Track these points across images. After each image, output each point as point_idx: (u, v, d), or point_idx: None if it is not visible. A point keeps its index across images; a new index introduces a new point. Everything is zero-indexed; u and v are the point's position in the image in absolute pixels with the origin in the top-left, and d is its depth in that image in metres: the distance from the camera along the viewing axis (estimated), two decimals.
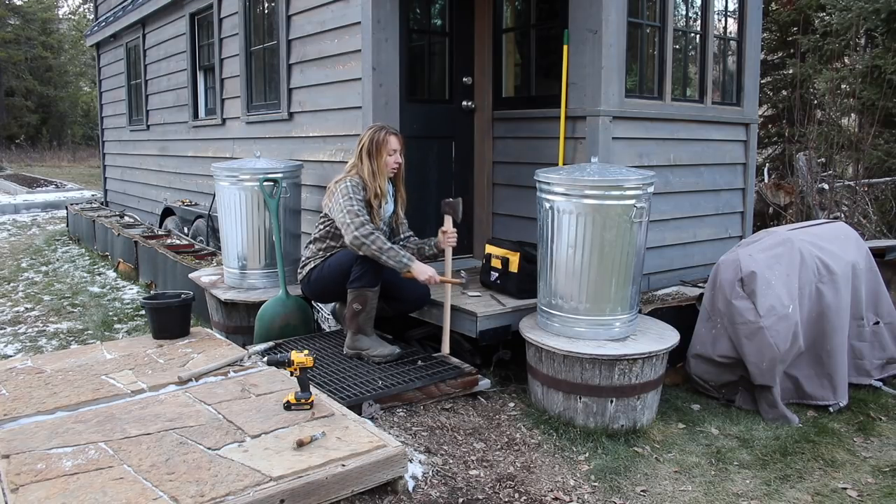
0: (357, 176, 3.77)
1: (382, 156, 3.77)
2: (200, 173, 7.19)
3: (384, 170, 3.78)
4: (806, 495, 2.91)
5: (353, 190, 3.68)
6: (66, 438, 2.75)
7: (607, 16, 4.07)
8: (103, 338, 5.02)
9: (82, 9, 30.72)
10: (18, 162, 22.95)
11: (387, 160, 3.78)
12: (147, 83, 8.79)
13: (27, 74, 26.85)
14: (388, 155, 3.78)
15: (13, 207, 13.42)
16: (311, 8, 4.92)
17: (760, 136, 9.55)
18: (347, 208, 3.62)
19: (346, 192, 3.67)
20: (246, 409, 3.03)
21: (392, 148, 3.79)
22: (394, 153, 3.80)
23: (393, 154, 3.80)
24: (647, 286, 4.55)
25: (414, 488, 2.77)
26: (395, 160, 3.81)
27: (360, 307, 3.71)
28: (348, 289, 3.72)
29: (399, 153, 3.83)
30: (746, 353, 3.58)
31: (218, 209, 4.87)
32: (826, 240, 3.95)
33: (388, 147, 3.78)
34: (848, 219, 6.76)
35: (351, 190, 3.68)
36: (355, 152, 3.84)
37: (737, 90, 5.22)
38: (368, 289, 3.69)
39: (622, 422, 3.35)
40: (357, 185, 3.71)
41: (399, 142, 3.83)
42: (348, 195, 3.66)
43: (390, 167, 3.80)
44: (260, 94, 5.93)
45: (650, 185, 3.45)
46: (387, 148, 3.78)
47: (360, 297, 3.70)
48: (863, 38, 8.68)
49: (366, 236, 3.55)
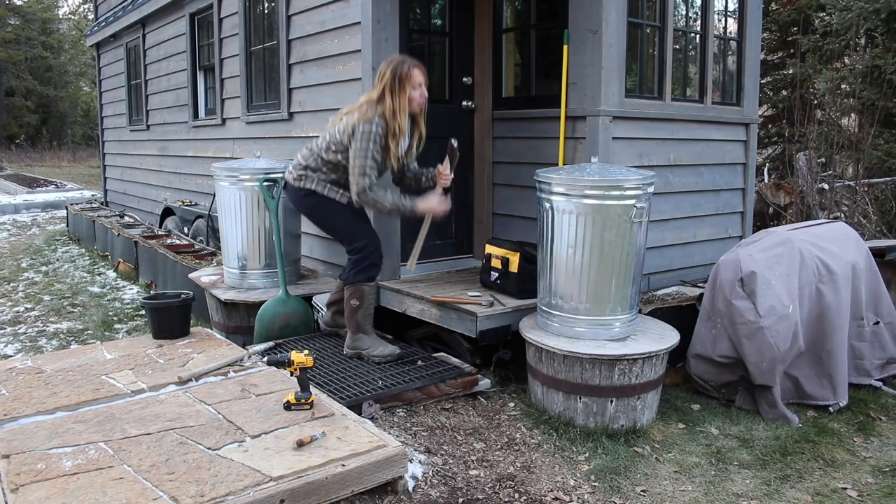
0: (380, 118, 3.49)
1: (406, 91, 3.50)
2: (200, 173, 7.19)
3: (406, 107, 3.52)
4: (806, 495, 2.91)
5: (375, 138, 3.47)
6: (66, 438, 2.75)
7: (607, 16, 4.07)
8: (103, 338, 5.02)
9: (82, 9, 30.73)
10: (18, 162, 22.95)
11: (411, 95, 3.52)
12: (147, 83, 8.79)
13: (27, 74, 26.85)
14: (413, 89, 3.52)
15: (13, 207, 13.42)
16: (311, 8, 4.92)
17: (760, 136, 9.56)
18: (359, 164, 3.47)
19: (367, 141, 3.46)
20: (246, 409, 3.03)
21: (417, 81, 3.52)
22: (419, 87, 3.53)
23: (418, 88, 3.53)
24: (647, 286, 4.55)
25: (414, 488, 2.77)
26: (420, 94, 3.55)
27: (358, 303, 3.70)
28: (344, 284, 3.71)
29: (423, 86, 3.57)
30: (746, 353, 3.58)
31: (218, 209, 4.87)
32: (826, 240, 3.95)
33: (413, 81, 3.50)
34: (848, 219, 6.77)
35: (372, 138, 3.46)
36: (376, 88, 3.57)
37: (737, 90, 5.22)
38: (365, 283, 3.68)
39: (622, 422, 3.35)
40: (379, 134, 3.47)
41: (423, 74, 3.56)
42: (367, 148, 3.46)
43: (416, 102, 3.56)
44: (260, 94, 5.93)
45: (650, 185, 3.45)
46: (411, 82, 3.50)
47: (357, 293, 3.69)
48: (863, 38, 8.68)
49: (366, 201, 3.50)
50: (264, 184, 4.42)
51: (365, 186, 3.46)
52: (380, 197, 3.48)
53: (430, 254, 4.92)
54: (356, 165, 3.47)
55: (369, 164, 3.45)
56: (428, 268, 4.74)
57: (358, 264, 3.68)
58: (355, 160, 3.48)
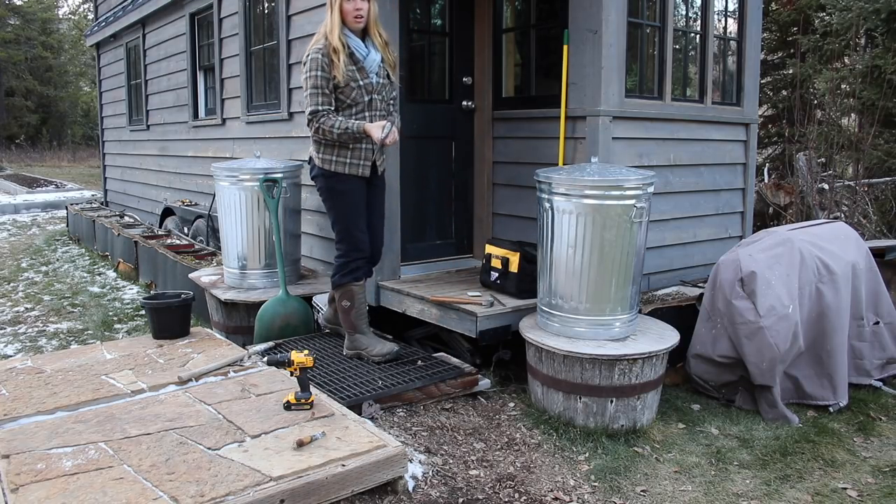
0: (321, 39, 3.46)
1: (335, 3, 3.43)
2: (200, 173, 7.19)
3: (338, 21, 3.42)
4: (806, 495, 2.91)
5: (316, 62, 3.41)
6: (66, 438, 2.75)
7: (607, 16, 4.07)
8: (103, 338, 5.02)
9: (82, 9, 30.73)
10: (18, 162, 22.96)
11: (343, 7, 3.42)
12: (147, 83, 8.79)
13: (27, 74, 26.86)
14: (346, 1, 3.41)
15: (13, 207, 13.43)
16: (311, 8, 4.91)
17: (760, 136, 9.56)
18: (305, 91, 3.45)
19: (307, 66, 3.44)
20: (246, 409, 3.03)
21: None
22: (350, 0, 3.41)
23: (349, 1, 3.41)
24: (647, 286, 4.55)
25: (414, 488, 2.77)
26: (353, 7, 3.41)
27: (349, 303, 3.71)
28: (332, 287, 3.72)
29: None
30: (746, 353, 3.58)
31: (218, 209, 4.87)
32: (826, 240, 3.95)
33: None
34: (848, 219, 6.77)
35: (311, 62, 3.42)
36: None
37: (737, 90, 5.22)
38: (352, 283, 3.68)
39: (622, 422, 3.35)
40: (318, 57, 3.41)
41: None
42: (307, 73, 3.43)
43: (350, 15, 3.43)
44: (260, 94, 5.93)
45: (650, 185, 3.45)
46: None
47: (347, 293, 3.69)
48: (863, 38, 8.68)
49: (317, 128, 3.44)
50: (264, 184, 4.42)
51: (311, 112, 3.42)
52: (328, 123, 3.40)
53: (430, 254, 4.92)
54: (304, 94, 3.45)
55: (311, 90, 3.40)
56: (428, 268, 4.74)
57: (343, 268, 3.68)
58: (303, 90, 3.47)
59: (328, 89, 3.42)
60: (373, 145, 3.55)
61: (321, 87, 3.40)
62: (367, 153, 3.60)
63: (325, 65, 3.39)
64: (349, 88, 3.45)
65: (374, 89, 3.52)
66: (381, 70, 3.55)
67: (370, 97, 3.51)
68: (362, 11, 3.41)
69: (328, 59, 3.39)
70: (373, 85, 3.51)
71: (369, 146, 3.57)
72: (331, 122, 3.39)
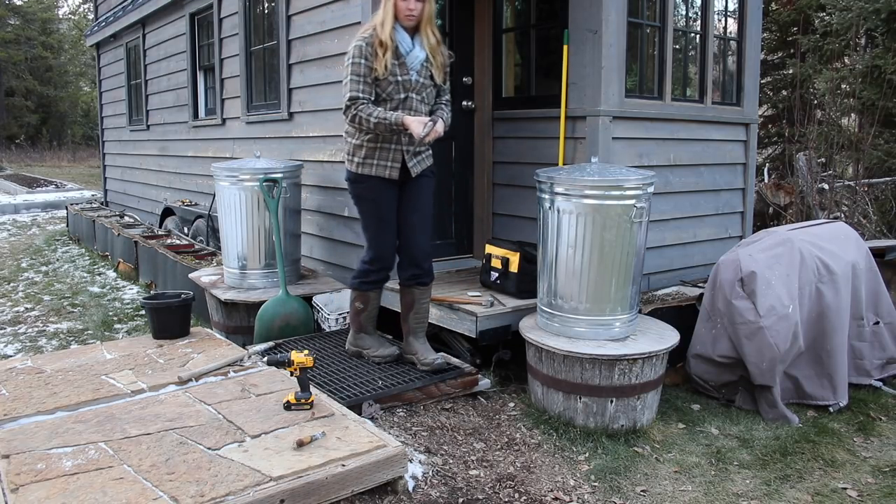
0: (371, 33, 3.35)
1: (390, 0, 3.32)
2: (200, 173, 7.19)
3: (390, 16, 3.32)
4: (806, 495, 2.91)
5: (355, 53, 3.31)
6: (66, 438, 2.75)
7: (607, 16, 4.07)
8: (103, 338, 5.02)
9: (82, 9, 30.74)
10: (18, 162, 22.96)
11: (398, 5, 3.32)
12: (147, 83, 8.79)
13: (27, 74, 26.87)
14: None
15: (13, 207, 13.43)
16: (311, 8, 4.92)
17: (760, 136, 9.56)
18: (345, 80, 3.33)
19: (350, 56, 3.33)
20: (246, 409, 3.03)
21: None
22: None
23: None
24: (647, 286, 4.55)
25: (414, 488, 2.77)
26: (406, 6, 3.31)
27: (362, 306, 3.71)
28: (350, 286, 3.71)
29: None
30: (746, 353, 3.58)
31: (218, 209, 4.87)
32: (826, 240, 3.95)
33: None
34: (848, 219, 6.77)
35: (352, 55, 3.32)
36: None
37: (737, 90, 5.23)
38: (371, 289, 3.68)
39: (622, 422, 3.35)
40: (362, 47, 3.30)
41: None
42: (350, 62, 3.32)
43: (402, 13, 3.33)
44: (260, 94, 5.93)
45: (650, 185, 3.45)
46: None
47: (363, 297, 3.70)
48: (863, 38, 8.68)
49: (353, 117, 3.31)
50: (264, 184, 4.42)
51: (350, 98, 3.29)
52: (366, 111, 3.27)
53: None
54: (343, 84, 3.34)
55: (352, 76, 3.29)
56: None
57: (363, 275, 3.62)
58: (344, 77, 3.35)
59: (370, 79, 3.31)
60: (403, 145, 3.40)
61: (363, 76, 3.29)
62: (396, 154, 3.43)
63: (368, 54, 3.29)
64: (386, 82, 3.33)
65: (411, 87, 3.38)
66: (424, 69, 3.41)
67: (406, 94, 3.37)
68: (414, 11, 3.32)
69: (373, 49, 3.30)
70: (411, 82, 3.38)
71: (399, 146, 3.41)
72: (369, 110, 3.26)
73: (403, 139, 3.38)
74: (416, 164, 3.49)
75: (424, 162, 3.54)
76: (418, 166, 3.50)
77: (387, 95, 3.35)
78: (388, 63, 3.30)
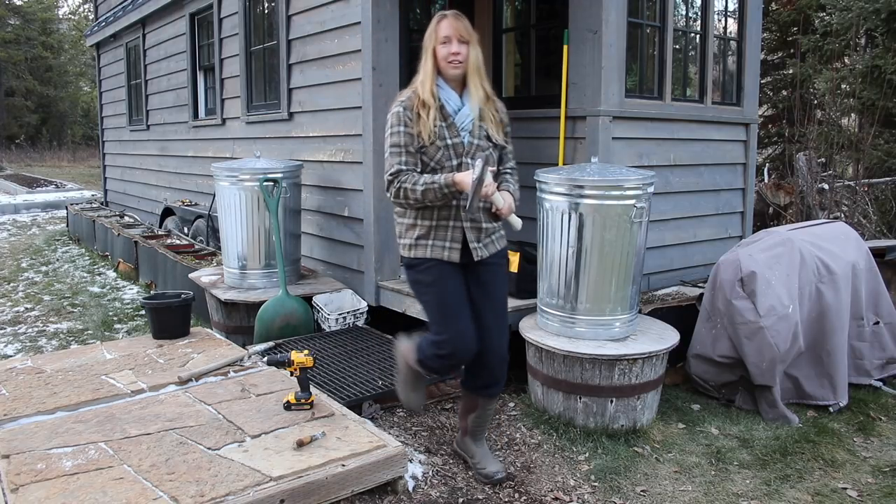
0: (408, 91, 2.83)
1: (430, 49, 2.78)
2: (200, 173, 7.19)
3: (432, 69, 2.77)
4: (806, 495, 2.91)
5: (393, 121, 2.77)
6: (66, 438, 2.75)
7: (607, 16, 4.07)
8: (103, 338, 5.02)
9: (82, 9, 30.75)
10: (18, 162, 22.97)
11: (437, 53, 2.76)
12: (147, 83, 8.79)
13: (27, 74, 26.87)
14: (440, 44, 2.75)
15: (13, 207, 13.43)
16: (311, 8, 4.92)
17: (760, 136, 9.56)
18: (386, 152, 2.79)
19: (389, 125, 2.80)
20: (246, 409, 3.03)
21: (442, 35, 2.74)
22: (446, 42, 2.73)
23: (445, 44, 2.73)
24: (647, 286, 4.55)
25: (414, 488, 2.77)
26: (448, 51, 2.73)
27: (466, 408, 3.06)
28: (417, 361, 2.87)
29: (455, 41, 2.73)
30: (746, 353, 3.58)
31: (218, 209, 4.87)
32: (826, 240, 3.96)
33: (438, 34, 2.75)
34: (848, 219, 6.76)
35: (391, 124, 2.79)
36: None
37: (737, 90, 5.22)
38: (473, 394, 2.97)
39: (622, 422, 3.35)
40: (397, 113, 2.77)
41: (454, 23, 2.75)
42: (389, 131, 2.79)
43: (445, 62, 2.75)
44: (260, 94, 5.93)
45: (650, 185, 3.45)
46: (436, 36, 2.76)
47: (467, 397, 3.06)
48: (863, 38, 8.69)
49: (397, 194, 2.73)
50: (264, 184, 4.42)
51: (392, 174, 2.73)
52: (410, 180, 2.69)
53: None
54: (385, 155, 2.81)
55: (392, 149, 2.75)
56: None
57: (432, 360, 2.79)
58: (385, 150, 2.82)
59: (412, 147, 2.74)
60: (464, 221, 2.76)
61: (404, 146, 2.73)
62: (455, 232, 2.76)
63: (408, 119, 2.75)
64: (434, 147, 2.74)
65: (464, 150, 2.76)
66: (478, 129, 2.79)
67: (460, 160, 2.76)
68: (459, 56, 2.74)
69: (413, 113, 2.76)
70: (464, 145, 2.77)
71: (458, 223, 2.77)
72: (414, 178, 2.69)
73: (463, 214, 2.76)
74: (482, 246, 2.81)
75: (494, 244, 2.85)
76: (484, 249, 2.81)
77: (436, 164, 2.75)
78: (433, 125, 2.75)
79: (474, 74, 2.79)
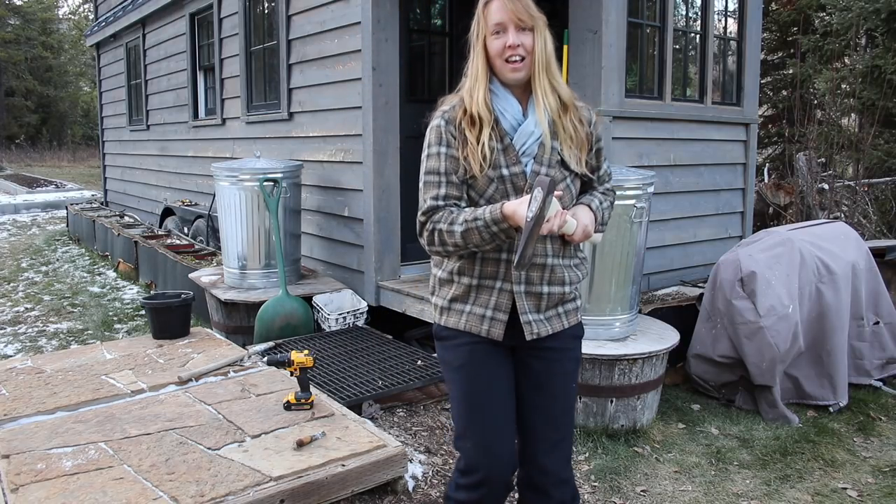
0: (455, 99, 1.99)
1: (480, 42, 1.93)
2: (200, 173, 7.19)
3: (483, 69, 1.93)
4: (806, 495, 2.91)
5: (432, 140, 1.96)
6: (66, 438, 2.75)
7: (607, 16, 4.06)
8: (103, 338, 5.02)
9: (82, 9, 30.75)
10: (18, 162, 22.96)
11: (489, 47, 1.91)
12: (147, 83, 8.79)
13: (27, 74, 26.88)
14: (492, 36, 1.90)
15: (13, 207, 13.43)
16: (311, 8, 4.92)
17: (760, 136, 9.55)
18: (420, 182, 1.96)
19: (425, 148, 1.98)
20: (246, 409, 3.03)
21: (493, 21, 1.89)
22: (498, 32, 1.89)
23: (498, 34, 1.89)
24: (647, 286, 4.55)
25: (414, 488, 2.77)
26: (502, 44, 1.88)
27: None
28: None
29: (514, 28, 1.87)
30: (746, 353, 3.58)
31: (218, 209, 4.87)
32: (826, 240, 3.95)
33: (489, 21, 1.90)
34: (848, 219, 6.76)
35: (428, 143, 1.97)
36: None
37: (737, 90, 5.22)
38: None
39: (622, 422, 3.35)
40: (436, 128, 1.95)
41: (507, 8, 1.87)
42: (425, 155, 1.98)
43: (500, 59, 1.91)
44: (260, 94, 5.93)
45: (650, 185, 3.45)
46: (487, 25, 1.91)
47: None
48: (863, 38, 8.69)
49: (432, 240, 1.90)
50: (264, 184, 4.42)
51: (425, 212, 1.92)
52: (447, 219, 1.87)
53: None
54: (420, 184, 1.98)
55: (427, 177, 1.94)
56: (428, 268, 4.74)
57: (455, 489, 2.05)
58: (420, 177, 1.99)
59: (455, 176, 1.92)
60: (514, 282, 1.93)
61: (445, 174, 1.92)
62: (502, 295, 1.95)
63: (451, 138, 1.93)
64: (485, 180, 1.92)
65: (526, 184, 1.92)
66: (550, 153, 1.94)
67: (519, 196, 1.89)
68: (519, 51, 1.89)
69: (458, 130, 1.94)
70: (525, 176, 1.92)
71: (507, 283, 1.94)
72: (451, 216, 1.87)
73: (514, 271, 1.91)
74: (541, 319, 1.97)
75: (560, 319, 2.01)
76: (543, 325, 1.97)
77: (486, 201, 1.93)
78: (486, 149, 1.90)
79: (541, 73, 1.93)
